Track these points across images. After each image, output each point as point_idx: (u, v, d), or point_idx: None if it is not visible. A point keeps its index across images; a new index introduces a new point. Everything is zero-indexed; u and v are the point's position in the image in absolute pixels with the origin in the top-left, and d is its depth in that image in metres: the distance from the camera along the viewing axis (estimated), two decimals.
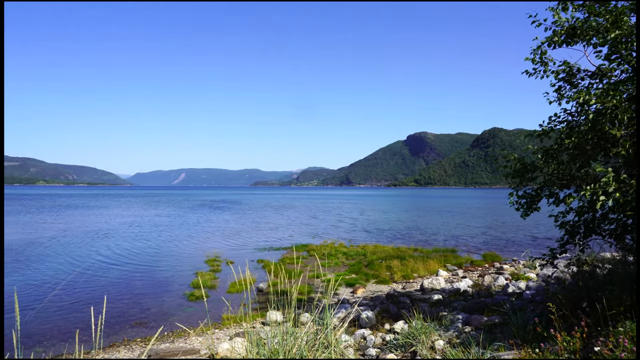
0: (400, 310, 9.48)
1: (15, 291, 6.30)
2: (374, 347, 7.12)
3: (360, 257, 19.53)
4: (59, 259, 19.33)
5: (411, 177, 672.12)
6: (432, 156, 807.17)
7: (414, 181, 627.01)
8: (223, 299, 12.03)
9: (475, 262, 18.11)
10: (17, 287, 14.05)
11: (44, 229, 32.00)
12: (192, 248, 23.18)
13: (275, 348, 4.88)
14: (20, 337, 8.01)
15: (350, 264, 17.92)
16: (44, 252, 20.93)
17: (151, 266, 17.95)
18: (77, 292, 13.53)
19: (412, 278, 15.23)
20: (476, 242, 25.48)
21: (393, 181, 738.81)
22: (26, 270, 16.72)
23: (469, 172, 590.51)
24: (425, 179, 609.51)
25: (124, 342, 9.25)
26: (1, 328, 2.81)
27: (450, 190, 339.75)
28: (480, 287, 12.60)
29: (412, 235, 29.42)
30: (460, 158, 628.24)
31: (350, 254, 20.12)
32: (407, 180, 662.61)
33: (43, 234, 28.66)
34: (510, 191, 7.38)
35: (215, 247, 23.36)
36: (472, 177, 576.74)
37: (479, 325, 7.23)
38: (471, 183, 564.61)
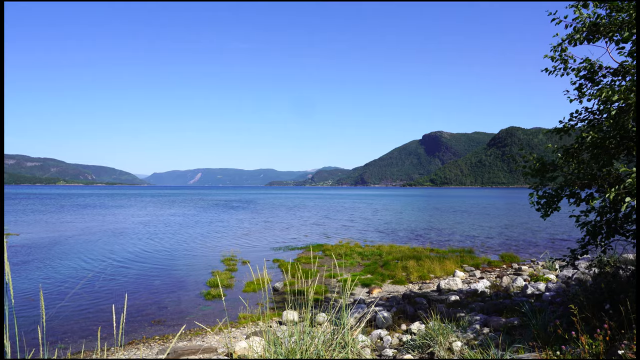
0: (417, 311, 9.42)
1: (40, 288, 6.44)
2: (391, 347, 7.08)
3: (376, 257, 19.46)
4: (79, 257, 19.69)
5: (427, 177, 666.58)
6: (448, 156, 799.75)
7: (429, 181, 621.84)
8: (240, 298, 12.13)
9: (492, 263, 17.87)
10: (39, 285, 14.38)
11: (64, 228, 32.64)
12: (207, 247, 23.39)
13: (292, 347, 4.89)
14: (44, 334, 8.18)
15: (365, 264, 17.87)
16: (64, 251, 21.35)
17: (168, 265, 18.17)
18: (97, 290, 13.77)
19: (428, 279, 15.11)
20: (493, 242, 25.16)
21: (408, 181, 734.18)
22: (48, 269, 17.08)
23: (486, 171, 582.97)
24: (441, 179, 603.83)
25: (143, 339, 9.39)
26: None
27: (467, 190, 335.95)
28: (498, 288, 12.43)
29: (428, 235, 29.19)
30: (477, 157, 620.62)
31: (366, 254, 20.06)
32: (422, 180, 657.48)
33: (63, 233, 29.24)
34: (530, 191, 7.26)
35: (230, 246, 23.53)
36: (489, 177, 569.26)
37: (498, 327, 7.14)
38: (488, 183, 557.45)
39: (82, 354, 8.50)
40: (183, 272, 16.71)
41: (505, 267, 16.98)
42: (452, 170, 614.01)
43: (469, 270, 16.27)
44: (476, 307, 9.31)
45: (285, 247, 23.44)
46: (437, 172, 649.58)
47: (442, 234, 29.59)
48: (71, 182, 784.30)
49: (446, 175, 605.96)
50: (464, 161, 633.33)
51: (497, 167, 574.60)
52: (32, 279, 15.33)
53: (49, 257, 19.51)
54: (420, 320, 8.13)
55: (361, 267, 17.37)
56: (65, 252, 20.95)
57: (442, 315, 7.65)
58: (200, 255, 20.73)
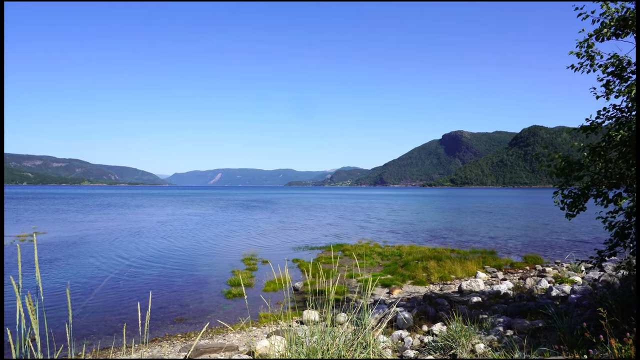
0: (438, 312, 9.32)
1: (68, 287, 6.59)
2: (412, 348, 7.02)
3: (396, 257, 19.33)
4: (103, 256, 20.12)
5: (447, 177, 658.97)
6: (469, 155, 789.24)
7: (449, 181, 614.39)
8: (262, 297, 12.21)
9: (515, 264, 17.55)
10: (65, 283, 14.76)
11: (88, 227, 33.41)
12: (227, 246, 23.61)
13: (313, 347, 4.89)
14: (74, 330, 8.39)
15: (385, 265, 17.77)
16: (88, 250, 21.85)
17: (189, 264, 18.41)
18: (121, 288, 14.04)
19: (449, 279, 14.94)
20: (516, 243, 24.70)
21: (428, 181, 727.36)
22: (74, 267, 17.51)
23: (508, 171, 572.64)
24: (462, 179, 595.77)
25: (166, 337, 9.53)
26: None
27: (488, 190, 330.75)
28: (522, 290, 12.20)
29: (448, 235, 28.85)
30: (498, 157, 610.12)
31: (386, 254, 19.95)
32: (442, 180, 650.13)
33: (87, 232, 29.93)
34: (555, 191, 7.10)
35: (250, 245, 23.71)
36: (511, 177, 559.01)
37: (522, 329, 7.00)
38: (510, 183, 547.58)
39: (112, 350, 8.68)
40: (204, 271, 16.91)
41: (528, 269, 16.66)
42: (472, 170, 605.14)
43: (491, 271, 16.02)
44: (499, 309, 9.15)
45: (304, 246, 23.49)
46: (458, 172, 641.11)
47: (463, 235, 29.21)
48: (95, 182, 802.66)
49: (467, 175, 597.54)
50: (485, 161, 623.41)
51: (519, 166, 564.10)
52: (59, 276, 15.74)
53: (73, 255, 20.00)
54: (442, 322, 8.04)
55: (381, 268, 17.29)
56: (89, 251, 21.43)
57: (464, 317, 7.55)
58: (220, 255, 20.95)
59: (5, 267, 17.08)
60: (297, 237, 27.83)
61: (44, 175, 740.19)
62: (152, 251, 21.61)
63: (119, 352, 8.47)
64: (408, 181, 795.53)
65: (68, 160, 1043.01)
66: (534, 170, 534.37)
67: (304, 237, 27.85)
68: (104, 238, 26.50)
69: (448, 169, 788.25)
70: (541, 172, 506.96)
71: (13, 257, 19.25)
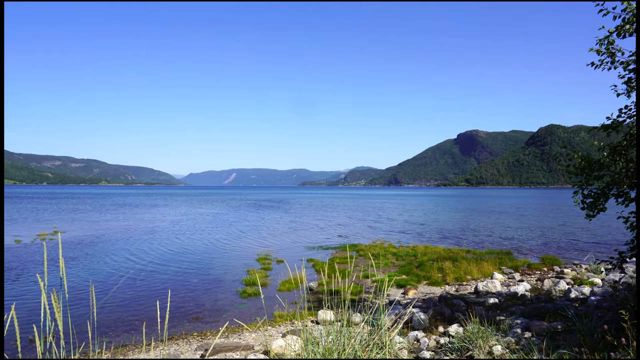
0: (454, 313, 9.24)
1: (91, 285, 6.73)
2: (428, 349, 6.97)
3: (411, 257, 19.22)
4: (120, 255, 20.42)
5: (462, 177, 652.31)
6: (484, 155, 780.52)
7: (464, 181, 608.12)
8: (277, 296, 12.26)
9: (532, 266, 17.31)
10: (86, 280, 15.03)
11: (105, 226, 33.95)
12: (242, 246, 23.76)
13: (329, 347, 4.89)
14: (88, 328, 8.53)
15: (400, 265, 17.68)
16: (105, 249, 22.20)
17: (204, 263, 18.57)
18: (138, 286, 14.23)
19: (465, 280, 14.80)
20: (533, 244, 24.35)
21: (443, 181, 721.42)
22: (92, 265, 17.81)
23: (524, 171, 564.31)
24: (477, 179, 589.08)
25: (182, 335, 9.64)
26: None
27: (504, 190, 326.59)
28: (540, 291, 12.02)
29: (463, 236, 28.59)
30: (514, 157, 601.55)
31: (400, 255, 19.85)
32: (457, 179, 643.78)
33: (104, 231, 30.41)
34: (575, 190, 6.98)
35: (264, 245, 23.83)
36: (527, 177, 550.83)
37: (540, 332, 6.90)
38: (526, 183, 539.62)
39: (130, 347, 8.80)
40: (219, 270, 17.04)
41: (546, 270, 16.41)
42: (488, 170, 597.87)
43: (507, 272, 15.82)
44: (516, 311, 9.03)
45: (318, 246, 23.51)
46: (473, 171, 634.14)
47: (478, 235, 28.90)
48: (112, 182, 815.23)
49: (482, 175, 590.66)
50: (501, 160, 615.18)
51: (535, 166, 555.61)
52: (77, 274, 16.02)
53: (91, 254, 20.34)
54: (459, 323, 7.97)
55: (396, 268, 17.21)
56: (106, 250, 21.77)
57: (480, 318, 7.47)
58: (235, 254, 21.09)
59: (28, 265, 17.45)
60: (311, 237, 27.87)
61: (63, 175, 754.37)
62: (167, 250, 21.86)
63: (137, 350, 8.59)
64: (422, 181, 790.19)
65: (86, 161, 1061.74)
66: (551, 170, 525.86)
67: (317, 237, 27.87)
68: (120, 237, 26.90)
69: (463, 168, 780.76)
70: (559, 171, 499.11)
71: (35, 255, 19.67)
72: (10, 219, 39.38)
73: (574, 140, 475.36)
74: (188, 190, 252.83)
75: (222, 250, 22.36)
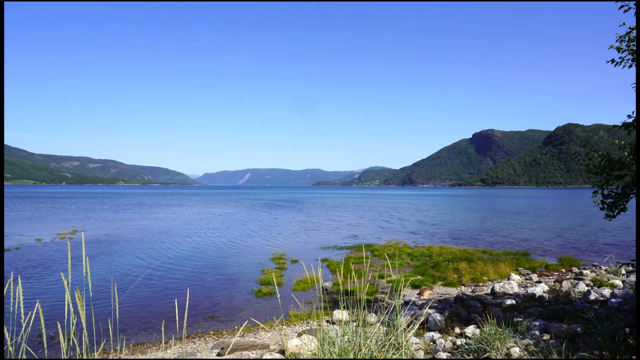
0: (471, 314, 9.15)
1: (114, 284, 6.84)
2: (444, 351, 6.92)
3: (426, 258, 19.10)
4: (136, 254, 20.71)
5: (477, 177, 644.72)
6: (500, 154, 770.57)
7: (480, 181, 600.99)
8: (291, 296, 12.30)
9: (550, 267, 17.04)
10: (103, 279, 15.28)
11: (122, 225, 34.47)
12: (256, 245, 23.89)
13: (345, 347, 4.90)
14: (107, 326, 8.68)
15: (415, 265, 17.58)
16: (123, 248, 22.54)
17: (219, 262, 18.72)
18: (154, 285, 14.42)
19: (481, 281, 14.65)
20: (551, 245, 23.97)
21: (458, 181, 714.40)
22: (110, 264, 18.10)
23: (541, 171, 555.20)
24: (493, 179, 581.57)
25: (199, 334, 9.73)
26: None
27: (520, 190, 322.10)
28: (558, 293, 11.83)
29: (479, 236, 28.28)
30: (531, 156, 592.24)
31: (415, 255, 19.73)
32: (472, 179, 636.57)
33: (122, 230, 30.88)
34: (595, 190, 6.86)
35: (279, 244, 23.92)
36: (545, 177, 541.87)
37: (559, 334, 6.79)
38: (543, 183, 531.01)
39: (147, 345, 8.92)
40: (234, 270, 17.17)
41: (564, 272, 16.15)
42: (504, 170, 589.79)
43: (524, 273, 15.61)
44: (534, 312, 8.91)
45: (332, 246, 23.51)
46: (489, 171, 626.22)
47: (494, 236, 28.57)
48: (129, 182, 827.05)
49: (498, 175, 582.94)
50: (517, 160, 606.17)
51: (553, 166, 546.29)
52: (96, 273, 16.30)
53: (108, 253, 20.67)
54: (475, 324, 7.90)
55: (411, 268, 17.11)
56: (123, 249, 22.10)
57: (498, 320, 7.39)
58: (249, 253, 21.21)
59: (49, 263, 17.82)
60: (324, 237, 27.87)
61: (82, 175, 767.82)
62: (182, 250, 22.09)
63: (155, 348, 8.71)
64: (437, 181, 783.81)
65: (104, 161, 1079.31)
66: (569, 170, 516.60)
67: (330, 237, 27.87)
68: (136, 236, 27.27)
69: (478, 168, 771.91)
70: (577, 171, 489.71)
71: (55, 254, 20.06)
72: (31, 218, 40.26)
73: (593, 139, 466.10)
74: (203, 190, 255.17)
75: (236, 249, 22.51)
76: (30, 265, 17.48)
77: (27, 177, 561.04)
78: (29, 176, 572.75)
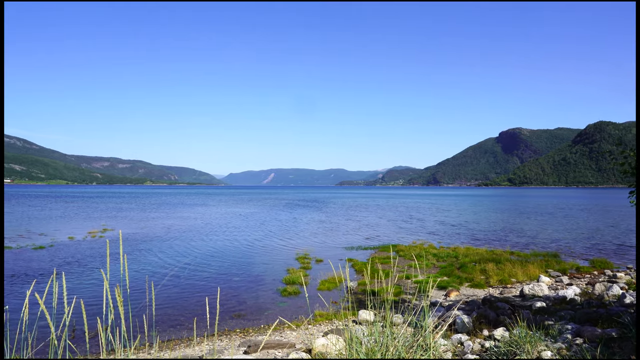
0: (499, 316, 8.99)
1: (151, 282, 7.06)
2: (472, 353, 6.82)
3: (452, 259, 18.85)
4: (163, 252, 21.15)
5: (504, 176, 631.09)
6: (528, 154, 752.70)
7: (507, 180, 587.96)
8: (317, 295, 12.34)
9: (581, 269, 16.57)
10: (132, 277, 15.67)
11: (149, 224, 35.26)
12: (281, 245, 24.05)
13: (372, 347, 4.89)
14: (137, 323, 8.90)
15: (441, 266, 17.37)
16: (150, 246, 23.06)
17: (245, 261, 18.93)
18: (181, 284, 14.70)
19: (509, 283, 14.36)
20: (582, 246, 23.29)
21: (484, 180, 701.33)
22: (138, 262, 18.56)
23: (571, 170, 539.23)
24: (520, 178, 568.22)
25: (225, 332, 9.88)
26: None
27: (549, 190, 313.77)
28: (590, 296, 11.50)
29: (507, 237, 27.71)
30: (561, 155, 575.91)
31: (441, 256, 19.49)
32: (499, 179, 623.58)
33: (148, 229, 31.57)
34: (631, 190, 6.64)
35: (303, 244, 24.01)
36: (574, 176, 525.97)
37: (593, 338, 6.60)
38: (573, 182, 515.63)
39: (175, 341, 9.10)
40: (259, 269, 17.33)
41: (596, 274, 15.66)
42: (532, 169, 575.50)
43: (554, 275, 15.22)
44: (566, 316, 8.69)
45: (357, 246, 23.46)
46: (516, 171, 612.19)
47: (522, 237, 27.94)
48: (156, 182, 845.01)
49: (525, 175, 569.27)
50: (546, 159, 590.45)
51: (583, 165, 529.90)
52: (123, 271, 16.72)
53: (137, 251, 21.18)
54: (504, 327, 7.76)
55: (436, 269, 16.92)
56: (151, 248, 22.59)
57: (527, 322, 7.24)
58: (274, 253, 21.38)
59: (83, 260, 18.39)
60: (348, 237, 27.83)
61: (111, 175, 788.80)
62: (208, 249, 22.43)
63: (183, 344, 8.89)
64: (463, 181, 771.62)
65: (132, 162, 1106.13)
66: (600, 169, 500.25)
67: (354, 237, 27.80)
68: (162, 235, 27.85)
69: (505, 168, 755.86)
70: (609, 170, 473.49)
71: (87, 251, 20.69)
72: (63, 217, 41.63)
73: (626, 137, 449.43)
74: (227, 190, 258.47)
75: (261, 248, 22.72)
76: (65, 263, 18.08)
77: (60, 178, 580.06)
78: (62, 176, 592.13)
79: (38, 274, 15.82)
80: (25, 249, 21.35)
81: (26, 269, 16.67)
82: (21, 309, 3.51)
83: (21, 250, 21.19)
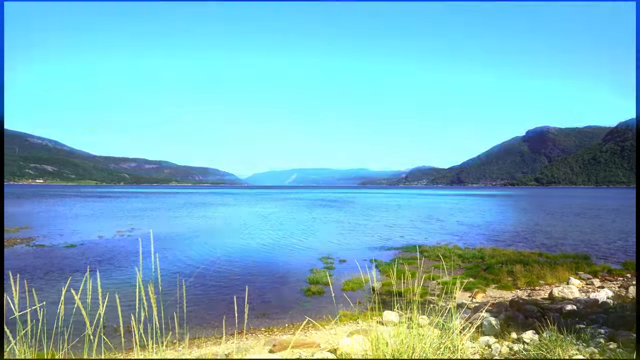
0: (528, 319, 8.80)
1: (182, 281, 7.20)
2: (500, 356, 6.70)
3: (478, 260, 18.55)
4: (189, 251, 21.52)
5: (531, 176, 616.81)
6: (556, 152, 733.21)
7: (534, 180, 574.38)
8: (344, 296, 12.35)
9: (614, 271, 16.05)
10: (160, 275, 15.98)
11: (174, 224, 35.90)
12: (304, 244, 24.14)
13: (398, 348, 4.86)
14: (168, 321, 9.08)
15: (466, 267, 17.12)
16: (176, 246, 23.48)
17: (268, 261, 19.08)
18: (207, 283, 14.92)
19: (538, 285, 14.04)
20: (614, 248, 22.56)
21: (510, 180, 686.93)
22: (163, 261, 18.93)
23: (601, 169, 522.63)
24: (548, 178, 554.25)
25: (251, 330, 9.99)
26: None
27: (578, 189, 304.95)
28: (624, 299, 11.12)
29: (534, 238, 27.08)
30: (590, 154, 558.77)
31: (467, 257, 19.20)
32: (526, 179, 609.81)
33: (173, 229, 32.15)
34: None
35: (326, 244, 24.03)
36: (605, 176, 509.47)
37: (628, 343, 6.39)
38: (603, 182, 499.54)
39: (202, 339, 9.25)
40: (283, 268, 17.44)
41: (629, 277, 15.15)
42: (560, 169, 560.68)
43: (585, 278, 14.80)
44: (598, 319, 8.44)
45: (381, 247, 23.34)
46: (543, 170, 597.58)
47: (551, 238, 27.25)
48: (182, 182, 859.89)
49: (553, 174, 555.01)
50: (575, 158, 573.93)
51: (614, 164, 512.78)
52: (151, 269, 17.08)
53: (162, 250, 21.59)
54: (534, 330, 7.59)
55: (462, 270, 16.68)
56: (176, 247, 23.01)
57: (558, 326, 7.06)
58: (298, 252, 21.47)
59: (113, 258, 18.90)
60: (372, 237, 27.71)
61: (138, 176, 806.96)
62: (232, 248, 22.68)
63: (209, 342, 9.03)
64: (488, 181, 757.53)
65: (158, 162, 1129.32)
66: (632, 168, 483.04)
67: (379, 237, 27.66)
68: (187, 234, 28.33)
69: (532, 167, 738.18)
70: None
71: (116, 249, 21.24)
72: (92, 216, 42.84)
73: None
74: (251, 190, 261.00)
75: (285, 248, 22.85)
76: (96, 260, 18.61)
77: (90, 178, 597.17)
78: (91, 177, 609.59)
79: (72, 271, 16.33)
80: (58, 247, 22.07)
81: (60, 266, 17.24)
82: (57, 305, 3.64)
83: (53, 248, 21.92)
